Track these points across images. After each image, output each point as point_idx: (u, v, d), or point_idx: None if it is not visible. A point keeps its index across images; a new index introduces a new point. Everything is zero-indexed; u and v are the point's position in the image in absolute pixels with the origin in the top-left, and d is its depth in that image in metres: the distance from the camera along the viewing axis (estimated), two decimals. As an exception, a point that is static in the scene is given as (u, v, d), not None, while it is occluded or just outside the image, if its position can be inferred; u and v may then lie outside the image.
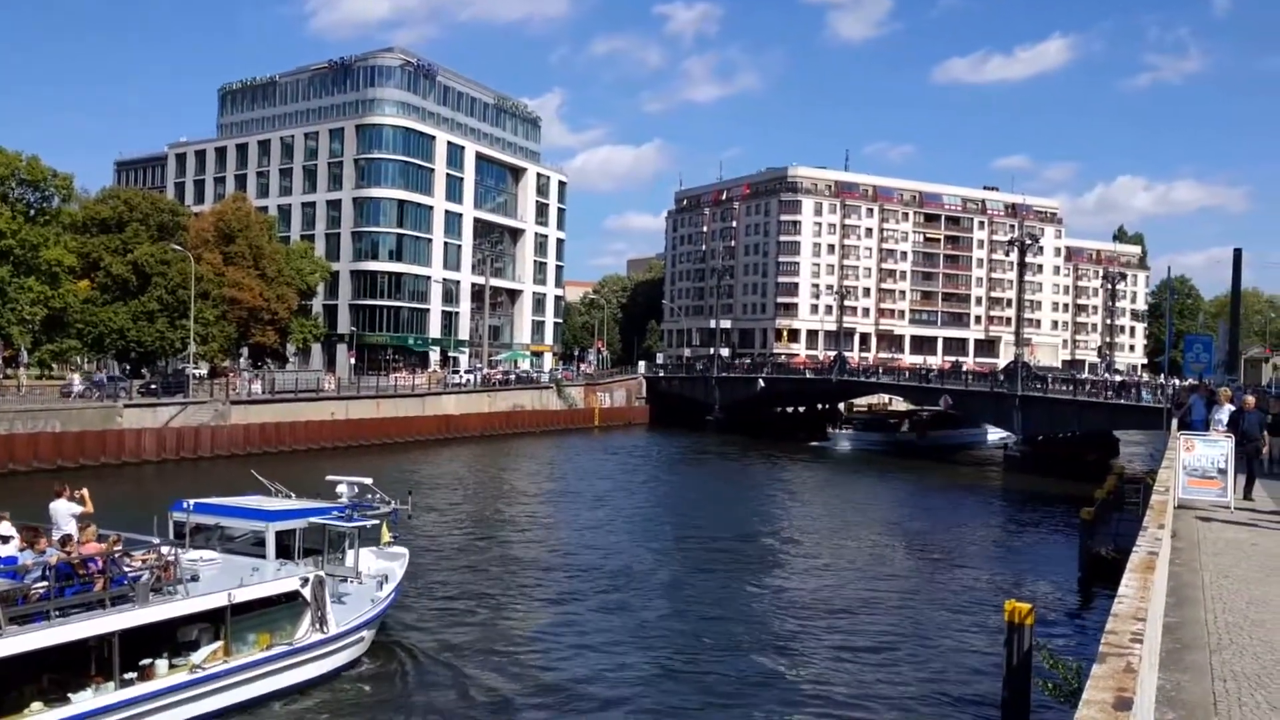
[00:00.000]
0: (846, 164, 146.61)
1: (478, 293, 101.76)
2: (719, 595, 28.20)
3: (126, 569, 16.48)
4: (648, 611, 26.12)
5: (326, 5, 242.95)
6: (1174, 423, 24.02)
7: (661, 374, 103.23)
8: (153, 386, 57.11)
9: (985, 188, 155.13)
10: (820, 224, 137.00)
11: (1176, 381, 61.63)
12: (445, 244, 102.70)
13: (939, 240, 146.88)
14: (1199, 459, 16.08)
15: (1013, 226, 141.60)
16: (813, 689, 20.53)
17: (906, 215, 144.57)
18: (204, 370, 67.78)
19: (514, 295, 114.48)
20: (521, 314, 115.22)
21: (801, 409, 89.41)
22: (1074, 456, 59.80)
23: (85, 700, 15.28)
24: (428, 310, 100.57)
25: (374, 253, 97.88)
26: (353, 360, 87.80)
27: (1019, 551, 37.51)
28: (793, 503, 49.57)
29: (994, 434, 77.13)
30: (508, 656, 21.65)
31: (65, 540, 16.39)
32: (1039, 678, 16.94)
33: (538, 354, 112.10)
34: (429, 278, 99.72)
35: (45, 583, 15.17)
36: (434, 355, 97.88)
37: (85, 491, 18.36)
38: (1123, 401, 61.67)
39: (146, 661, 16.32)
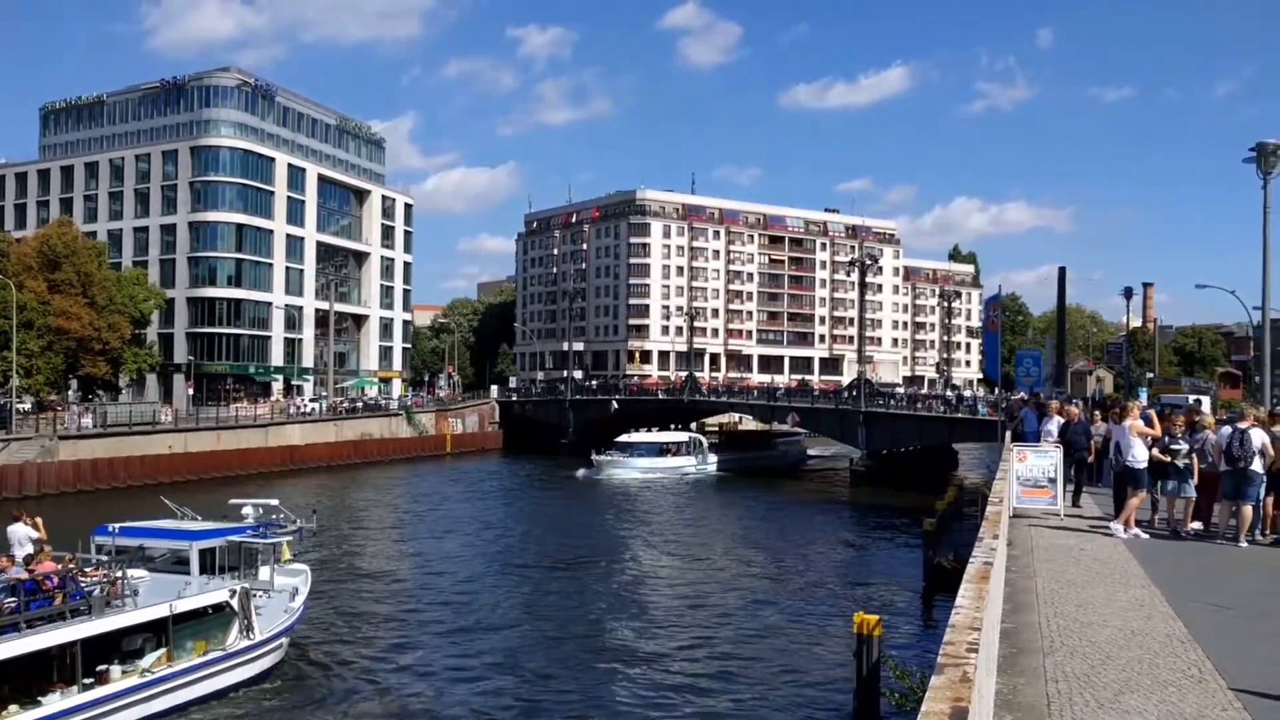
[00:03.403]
0: (693, 187, 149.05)
1: (322, 318, 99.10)
2: (567, 616, 28.30)
3: (82, 584, 18.64)
4: (495, 634, 26.26)
5: (166, 23, 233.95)
6: (1008, 435, 25.05)
7: (515, 398, 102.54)
8: (-30, 423, 53.73)
9: (827, 210, 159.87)
10: (669, 246, 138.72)
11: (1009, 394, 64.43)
12: (287, 269, 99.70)
13: (784, 261, 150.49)
14: (1031, 469, 16.76)
15: (854, 248, 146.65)
16: (666, 706, 20.60)
17: (752, 237, 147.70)
18: (29, 404, 64.03)
19: (360, 320, 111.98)
20: (368, 339, 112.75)
21: (655, 429, 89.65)
22: (916, 469, 61.87)
23: (54, 703, 17.16)
24: (270, 337, 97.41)
25: (212, 279, 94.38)
26: (191, 391, 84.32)
27: (867, 564, 38.52)
28: (642, 523, 49.74)
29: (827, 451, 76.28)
30: (394, 658, 24.44)
31: (27, 560, 18.72)
32: (886, 688, 17.38)
33: (386, 380, 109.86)
34: (270, 304, 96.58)
35: (15, 598, 17.17)
36: (277, 384, 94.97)
37: (39, 519, 20.39)
38: (960, 415, 64.16)
39: (102, 667, 18.29)
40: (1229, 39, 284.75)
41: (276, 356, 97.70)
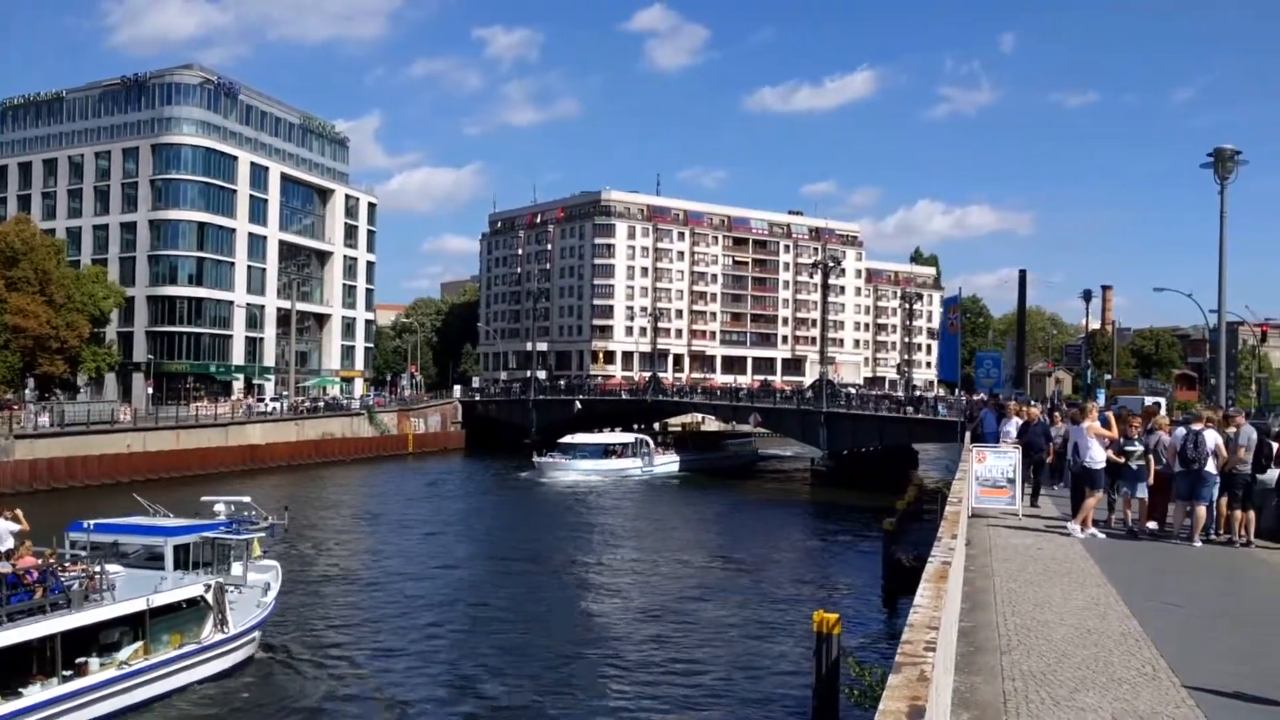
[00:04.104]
0: (658, 188, 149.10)
1: (284, 318, 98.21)
2: (525, 616, 28.41)
3: (62, 579, 19.12)
4: (456, 632, 26.33)
5: (128, 20, 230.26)
6: (967, 435, 25.26)
7: (478, 398, 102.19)
8: (-79, 422, 52.85)
9: (791, 212, 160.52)
10: (634, 247, 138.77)
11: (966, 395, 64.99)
12: (249, 267, 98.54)
13: (747, 263, 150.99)
14: (990, 469, 16.92)
15: (817, 250, 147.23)
16: (626, 705, 20.63)
17: (717, 239, 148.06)
18: (-18, 403, 63.02)
19: (322, 320, 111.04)
20: (330, 339, 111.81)
21: (618, 429, 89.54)
22: (877, 469, 62.21)
23: (34, 694, 17.58)
24: (231, 337, 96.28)
25: (173, 277, 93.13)
26: (150, 390, 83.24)
27: (827, 563, 38.75)
28: (606, 522, 49.77)
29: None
30: (360, 651, 25.11)
31: (8, 554, 18.86)
32: (846, 686, 17.48)
33: (348, 380, 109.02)
34: (232, 303, 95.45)
35: None
36: (238, 383, 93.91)
37: (19, 512, 20.41)
38: (921, 416, 64.64)
39: (81, 660, 18.70)
40: (1187, 47, 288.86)
41: (238, 356, 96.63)
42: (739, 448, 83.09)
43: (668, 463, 74.40)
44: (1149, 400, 38.92)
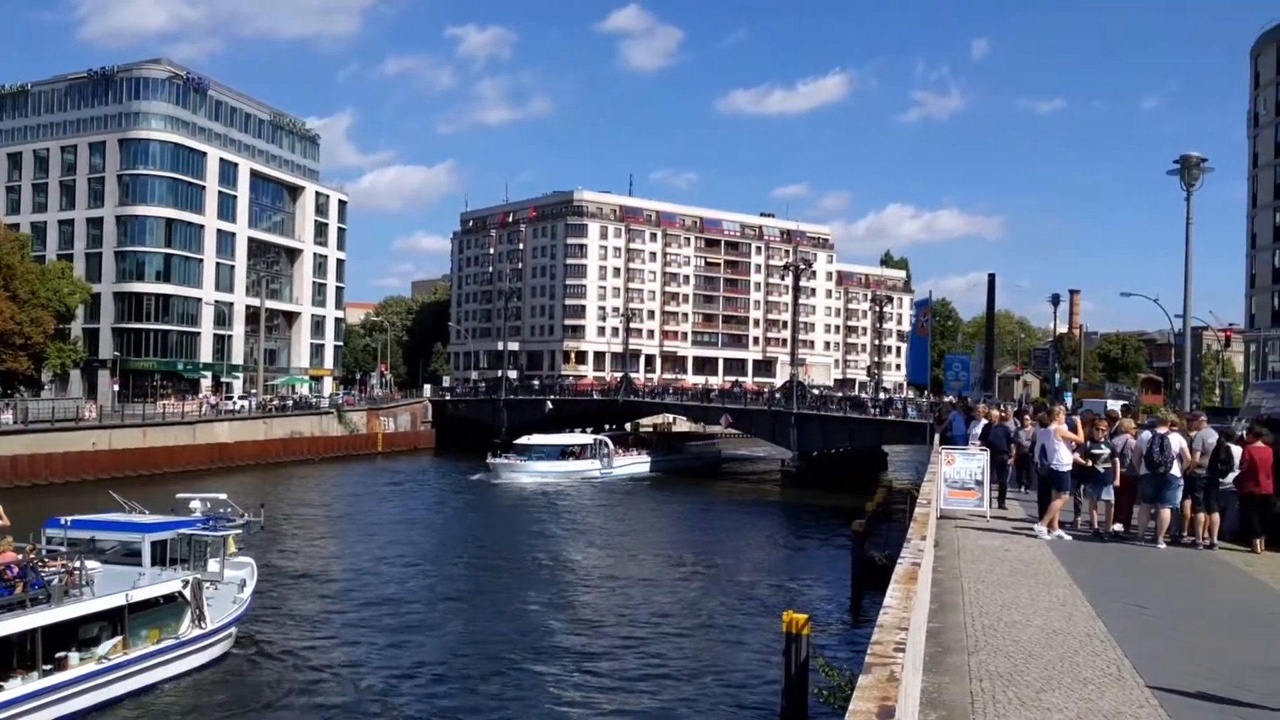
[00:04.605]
0: (631, 189, 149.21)
1: (252, 315, 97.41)
2: (493, 616, 28.43)
3: (42, 574, 19.36)
4: (424, 631, 26.29)
5: (98, 13, 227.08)
6: (936, 437, 25.44)
7: (448, 397, 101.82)
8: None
9: (763, 214, 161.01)
10: (606, 247, 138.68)
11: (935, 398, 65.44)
12: (218, 264, 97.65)
13: (719, 265, 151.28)
14: (958, 471, 17.06)
15: (788, 252, 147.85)
16: (594, 705, 20.62)
17: (689, 240, 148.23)
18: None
19: (291, 318, 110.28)
20: (300, 337, 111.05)
21: (589, 429, 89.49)
22: (847, 470, 62.52)
23: (15, 688, 17.78)
24: (198, 334, 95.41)
25: (140, 273, 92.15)
26: (116, 387, 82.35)
27: (797, 563, 38.88)
28: (575, 523, 49.72)
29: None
30: (333, 646, 25.50)
31: None
32: (815, 686, 17.55)
33: (317, 378, 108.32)
34: (200, 300, 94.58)
35: None
36: (205, 381, 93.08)
37: (0, 508, 20.60)
38: (890, 418, 65.00)
39: (61, 654, 18.94)
40: (1156, 55, 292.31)
41: (205, 353, 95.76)
42: (702, 449, 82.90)
43: (629, 464, 73.30)
44: (1112, 404, 39.30)
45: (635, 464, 74.10)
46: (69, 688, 18.66)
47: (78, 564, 20.20)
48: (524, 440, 71.71)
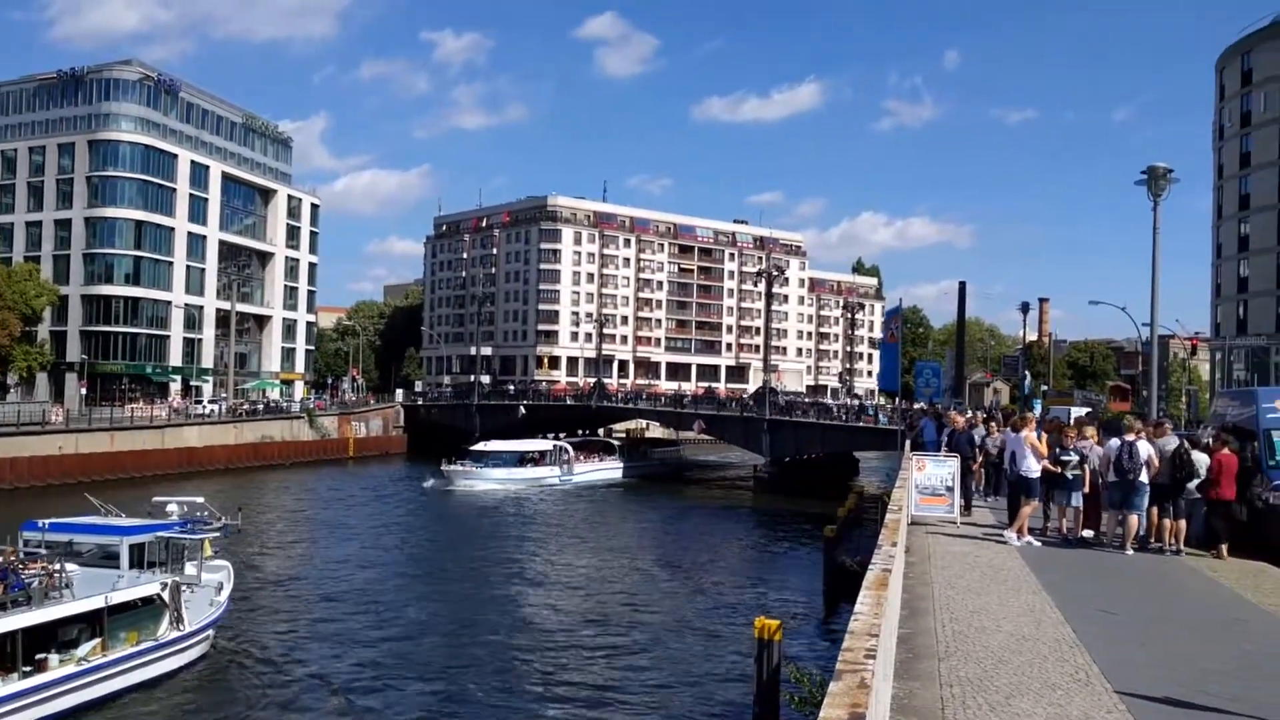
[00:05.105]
0: (605, 195, 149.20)
1: (223, 318, 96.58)
2: (464, 622, 28.29)
3: (22, 576, 19.59)
4: (396, 639, 26.10)
5: (69, 13, 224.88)
6: (907, 444, 25.56)
7: (421, 402, 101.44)
8: None
9: (736, 221, 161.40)
10: (580, 253, 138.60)
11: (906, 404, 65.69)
12: (188, 267, 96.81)
13: (693, 270, 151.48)
14: (929, 478, 17.15)
15: (761, 259, 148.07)
16: (570, 709, 20.59)
17: (662, 246, 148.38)
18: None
19: (262, 321, 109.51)
20: (271, 341, 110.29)
21: (563, 435, 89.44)
22: (819, 476, 62.70)
23: None
24: (168, 337, 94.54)
25: (109, 276, 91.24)
26: (84, 390, 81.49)
27: (770, 569, 38.95)
28: (546, 528, 49.63)
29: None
30: (308, 648, 25.68)
31: None
32: (787, 691, 17.58)
33: (288, 382, 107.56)
34: (170, 303, 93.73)
35: None
36: (175, 385, 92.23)
37: None
38: (861, 424, 65.28)
39: (41, 656, 19.05)
40: (1126, 67, 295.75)
41: (175, 357, 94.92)
42: (665, 455, 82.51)
43: (592, 470, 71.92)
44: (1077, 411, 39.64)
45: (599, 470, 72.96)
46: (49, 689, 18.81)
47: (57, 566, 20.42)
48: (479, 446, 70.38)
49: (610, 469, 74.52)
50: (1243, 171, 71.01)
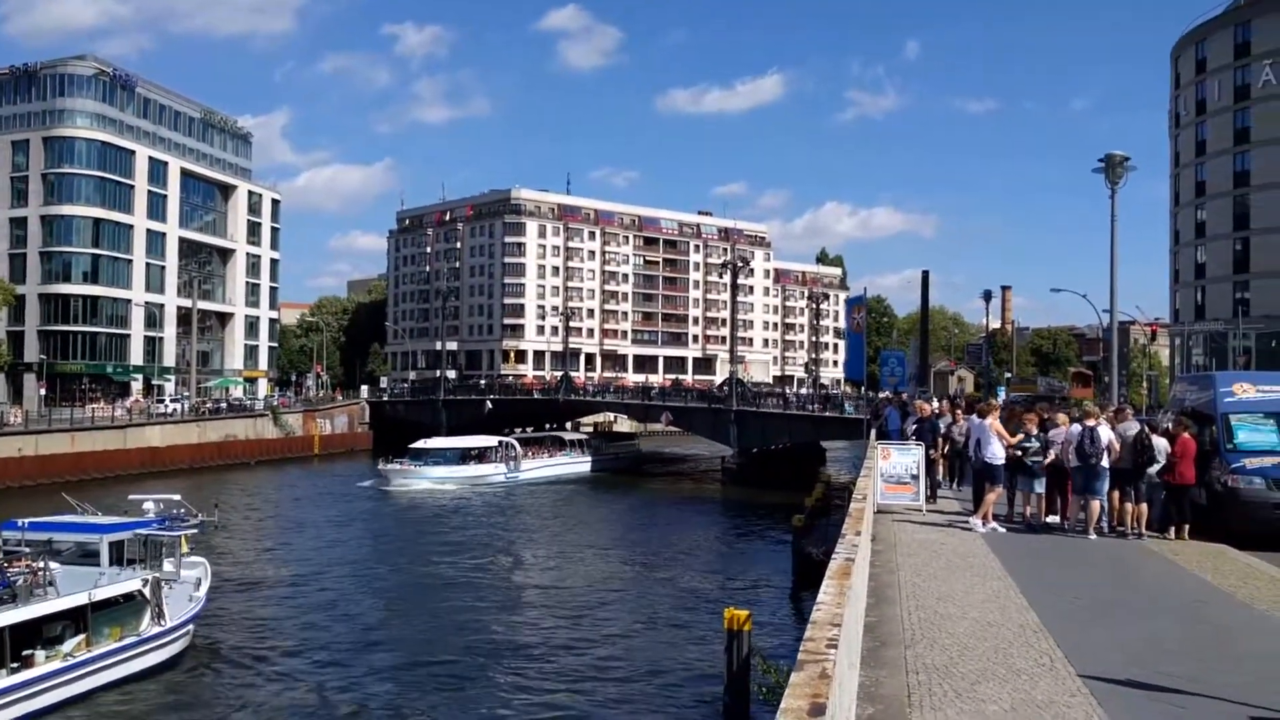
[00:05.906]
0: (569, 188, 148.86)
1: (184, 316, 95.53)
2: (433, 616, 28.24)
3: (8, 574, 20.01)
4: (371, 638, 25.98)
5: (22, 9, 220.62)
6: (872, 432, 25.69)
7: (386, 398, 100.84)
8: None
9: (701, 213, 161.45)
10: (544, 246, 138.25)
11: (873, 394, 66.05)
12: (147, 265, 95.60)
13: (658, 263, 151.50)
14: (894, 466, 17.26)
15: (726, 250, 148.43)
16: (536, 704, 20.56)
17: (627, 238, 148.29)
18: None
19: (224, 318, 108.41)
20: (233, 338, 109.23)
21: (530, 429, 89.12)
22: (787, 467, 62.84)
23: None
24: (128, 336, 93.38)
25: (66, 275, 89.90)
26: (43, 391, 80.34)
27: (738, 559, 39.05)
28: (514, 522, 49.48)
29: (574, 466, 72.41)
30: (284, 644, 25.94)
31: None
32: (756, 683, 17.65)
33: (252, 380, 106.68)
34: (129, 301, 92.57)
35: None
36: (136, 384, 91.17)
37: None
38: (828, 414, 65.53)
39: (27, 652, 19.40)
40: (1085, 57, 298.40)
41: (136, 355, 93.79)
42: (622, 449, 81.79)
43: (543, 466, 70.04)
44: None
45: (554, 466, 71.01)
46: (36, 684, 19.23)
47: (42, 564, 20.80)
48: (419, 444, 67.77)
49: (568, 464, 72.86)
50: (1198, 159, 71.88)
